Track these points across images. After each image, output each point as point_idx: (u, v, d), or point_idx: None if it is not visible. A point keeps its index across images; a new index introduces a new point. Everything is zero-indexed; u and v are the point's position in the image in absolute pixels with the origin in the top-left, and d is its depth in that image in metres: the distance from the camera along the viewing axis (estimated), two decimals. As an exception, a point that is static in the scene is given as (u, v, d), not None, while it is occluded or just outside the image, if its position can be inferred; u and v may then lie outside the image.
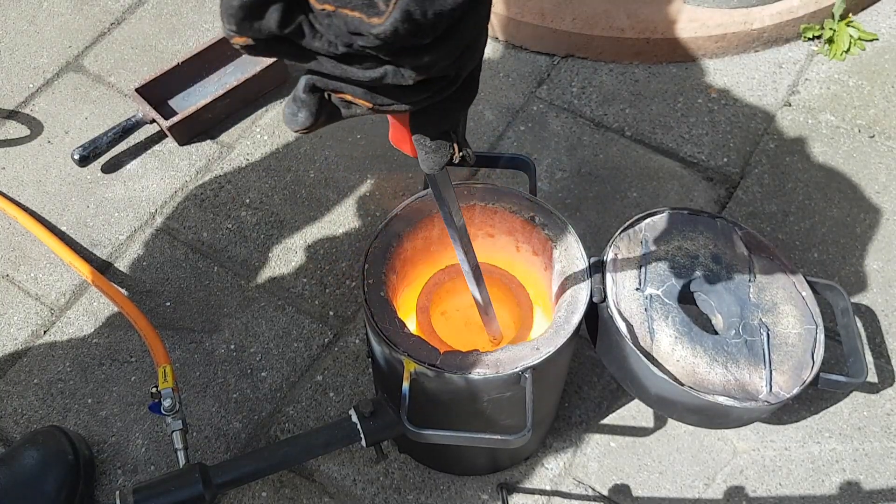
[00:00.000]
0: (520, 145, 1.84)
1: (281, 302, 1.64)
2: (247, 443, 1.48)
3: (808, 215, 1.72)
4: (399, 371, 1.10)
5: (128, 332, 1.60)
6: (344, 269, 1.68)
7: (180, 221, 1.75)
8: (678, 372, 1.12)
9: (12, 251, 1.72)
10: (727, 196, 1.76)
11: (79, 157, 1.77)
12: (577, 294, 1.14)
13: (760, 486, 1.42)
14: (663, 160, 1.81)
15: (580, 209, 1.74)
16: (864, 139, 1.84)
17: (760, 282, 1.21)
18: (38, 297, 1.66)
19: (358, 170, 1.82)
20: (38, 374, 1.56)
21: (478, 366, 1.07)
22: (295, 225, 1.74)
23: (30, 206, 1.78)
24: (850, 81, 1.93)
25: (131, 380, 1.55)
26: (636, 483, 1.43)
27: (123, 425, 1.50)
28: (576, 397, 1.51)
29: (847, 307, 1.28)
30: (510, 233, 1.26)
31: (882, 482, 1.43)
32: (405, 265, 1.23)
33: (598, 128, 1.87)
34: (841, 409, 1.50)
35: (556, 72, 1.96)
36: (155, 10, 2.11)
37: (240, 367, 1.56)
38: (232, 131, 1.89)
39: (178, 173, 1.82)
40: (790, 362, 1.15)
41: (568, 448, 1.46)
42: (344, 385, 1.54)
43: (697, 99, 1.91)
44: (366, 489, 1.43)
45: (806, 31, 1.97)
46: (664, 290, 1.18)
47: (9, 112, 1.93)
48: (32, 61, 2.02)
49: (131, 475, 1.45)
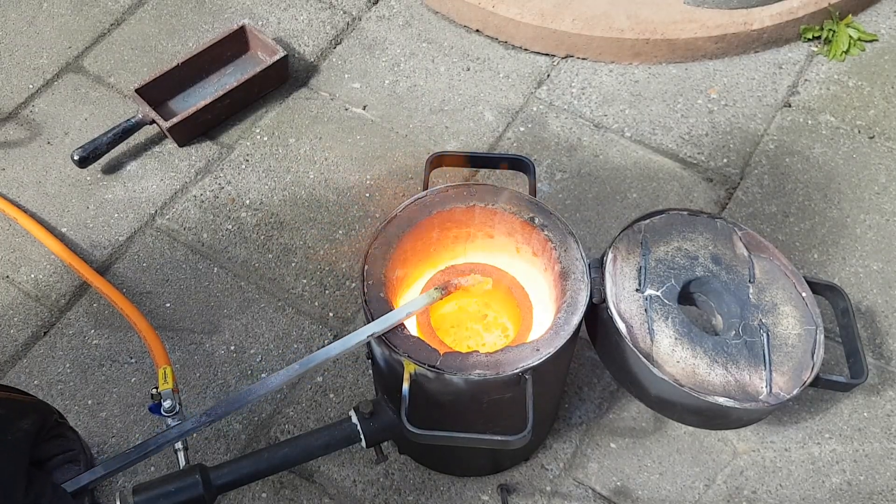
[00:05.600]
0: (519, 146, 1.84)
1: (281, 303, 1.64)
2: (247, 444, 1.48)
3: (807, 216, 1.72)
4: (399, 372, 1.10)
5: (128, 333, 1.60)
6: (344, 269, 1.68)
7: (180, 222, 1.75)
8: (678, 373, 1.12)
9: (12, 252, 1.72)
10: (727, 197, 1.76)
11: (79, 158, 1.77)
12: (576, 295, 1.14)
13: (761, 487, 1.42)
14: (663, 161, 1.81)
15: (580, 210, 1.74)
16: (863, 140, 1.84)
17: (760, 282, 1.21)
18: (38, 299, 1.66)
19: (358, 171, 1.82)
20: (38, 375, 1.56)
21: (478, 367, 1.07)
22: (295, 226, 1.74)
23: (30, 208, 1.78)
24: (849, 82, 1.93)
25: (131, 381, 1.55)
26: (636, 484, 1.43)
27: (124, 426, 1.50)
28: (576, 398, 1.51)
29: (847, 308, 1.27)
30: (510, 233, 1.26)
31: (882, 483, 1.43)
32: (405, 266, 1.23)
33: (598, 128, 1.87)
34: (841, 410, 1.50)
35: (555, 72, 1.96)
36: (155, 11, 2.11)
37: (240, 369, 1.56)
38: (232, 132, 1.89)
39: (177, 174, 1.82)
40: (790, 363, 1.15)
41: (568, 449, 1.46)
42: (344, 386, 1.54)
43: (697, 100, 1.91)
44: (366, 490, 1.43)
45: (806, 31, 1.97)
46: (664, 291, 1.18)
47: (8, 113, 1.93)
48: (32, 62, 2.02)
49: (131, 476, 1.45)
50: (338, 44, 2.03)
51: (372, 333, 1.09)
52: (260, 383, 1.13)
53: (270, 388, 1.13)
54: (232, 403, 1.13)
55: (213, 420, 1.14)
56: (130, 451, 1.13)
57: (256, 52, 1.99)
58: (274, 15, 2.08)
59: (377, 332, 1.09)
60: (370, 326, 1.09)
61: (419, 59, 1.99)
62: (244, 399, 1.13)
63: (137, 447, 1.13)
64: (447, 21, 2.06)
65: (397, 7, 2.09)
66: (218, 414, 1.13)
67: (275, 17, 2.08)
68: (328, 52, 2.02)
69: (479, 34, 2.04)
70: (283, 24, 2.06)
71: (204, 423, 1.14)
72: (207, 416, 1.13)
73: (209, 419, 1.13)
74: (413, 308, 1.12)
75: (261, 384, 1.13)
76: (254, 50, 1.99)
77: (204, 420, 1.13)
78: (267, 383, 1.12)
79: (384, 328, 1.09)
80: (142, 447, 1.13)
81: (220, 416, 1.13)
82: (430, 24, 2.06)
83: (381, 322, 1.10)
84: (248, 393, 1.13)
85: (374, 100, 1.93)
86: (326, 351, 1.13)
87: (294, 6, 2.10)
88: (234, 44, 1.97)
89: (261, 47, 1.96)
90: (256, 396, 1.13)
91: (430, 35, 2.04)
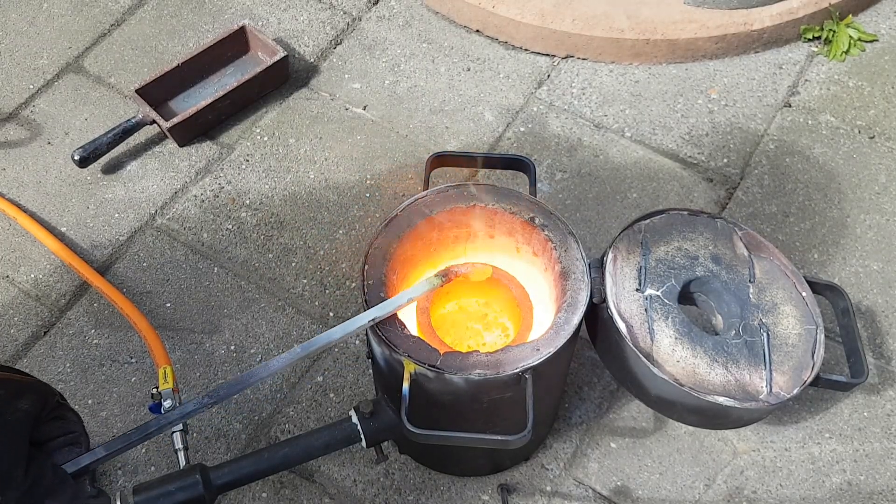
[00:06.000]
0: (520, 146, 1.84)
1: (281, 303, 1.64)
2: (247, 443, 1.48)
3: (808, 216, 1.72)
4: (399, 372, 1.10)
5: (128, 332, 1.60)
6: (344, 270, 1.68)
7: (180, 222, 1.75)
8: (678, 373, 1.12)
9: (12, 252, 1.72)
10: (727, 197, 1.76)
11: (79, 158, 1.77)
12: (576, 295, 1.14)
13: (761, 487, 1.42)
14: (663, 161, 1.81)
15: (580, 210, 1.74)
16: (864, 140, 1.84)
17: (760, 282, 1.21)
18: (39, 298, 1.66)
19: (358, 170, 1.82)
20: (39, 374, 1.56)
21: (478, 367, 1.07)
22: (295, 226, 1.74)
23: (30, 208, 1.78)
24: (849, 82, 1.93)
25: (131, 381, 1.55)
26: (636, 484, 1.43)
27: (124, 426, 1.50)
28: (576, 398, 1.51)
29: (847, 307, 1.27)
30: (510, 233, 1.26)
31: (882, 483, 1.42)
32: (405, 266, 1.23)
33: (598, 129, 1.87)
34: (841, 409, 1.50)
35: (555, 73, 1.97)
36: (155, 11, 2.11)
37: (240, 368, 1.56)
38: (232, 132, 1.89)
39: (178, 174, 1.82)
40: (790, 363, 1.15)
41: (568, 449, 1.46)
42: (344, 386, 1.54)
43: (697, 100, 1.91)
44: (366, 490, 1.43)
45: (806, 31, 1.97)
46: (664, 291, 1.18)
47: (9, 113, 1.93)
48: (32, 63, 2.02)
49: (131, 476, 1.45)
50: (338, 44, 2.03)
51: (373, 318, 1.10)
52: (262, 366, 1.13)
53: (272, 371, 1.12)
54: (234, 385, 1.12)
55: (216, 402, 1.12)
56: (131, 432, 1.12)
57: (257, 52, 1.99)
58: (274, 15, 2.08)
59: (379, 316, 1.10)
60: (371, 311, 1.10)
61: (419, 59, 2.00)
62: (246, 381, 1.12)
63: (138, 428, 1.13)
64: (447, 21, 2.07)
65: (397, 7, 2.10)
66: (220, 395, 1.12)
67: (275, 17, 2.08)
68: (328, 53, 2.02)
69: (479, 34, 2.04)
70: (284, 25, 2.07)
71: (206, 404, 1.13)
72: (209, 398, 1.12)
73: (211, 400, 1.12)
74: (414, 293, 1.13)
75: (263, 367, 1.12)
76: (254, 50, 1.99)
77: (206, 401, 1.13)
78: (269, 366, 1.12)
79: (385, 313, 1.10)
80: (143, 428, 1.13)
81: (222, 399, 1.12)
82: (430, 25, 2.06)
83: (382, 307, 1.10)
84: (250, 375, 1.12)
85: (375, 100, 1.93)
86: (329, 335, 1.13)
87: (294, 7, 2.10)
88: (235, 44, 1.97)
89: (261, 48, 1.97)
90: (258, 379, 1.13)
91: (430, 35, 2.04)
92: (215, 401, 1.13)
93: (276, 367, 1.13)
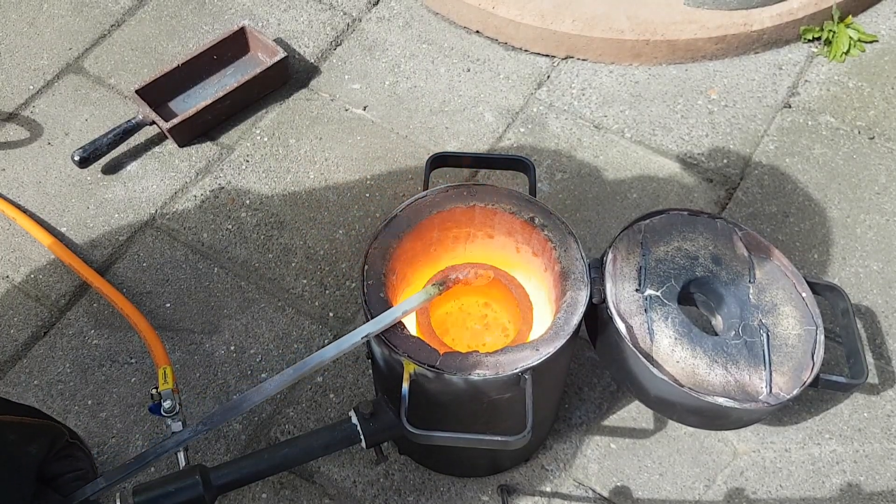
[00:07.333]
0: (519, 146, 1.84)
1: (281, 303, 1.64)
2: (247, 444, 1.48)
3: (808, 216, 1.72)
4: (399, 372, 1.10)
5: (128, 333, 1.60)
6: (344, 270, 1.68)
7: (180, 223, 1.75)
8: (678, 373, 1.12)
9: (12, 252, 1.72)
10: (727, 197, 1.76)
11: (79, 158, 1.77)
12: (576, 295, 1.14)
13: (761, 488, 1.42)
14: (663, 161, 1.81)
15: (580, 210, 1.74)
16: (863, 140, 1.84)
17: (760, 283, 1.21)
18: (38, 299, 1.66)
19: (358, 171, 1.82)
20: (38, 375, 1.56)
21: (478, 367, 1.07)
22: (295, 226, 1.74)
23: (30, 208, 1.78)
24: (849, 83, 1.93)
25: (131, 381, 1.55)
26: (636, 484, 1.43)
27: (123, 426, 1.50)
28: (576, 399, 1.51)
29: (847, 308, 1.28)
30: (510, 234, 1.26)
31: (882, 484, 1.42)
32: (405, 266, 1.23)
33: (598, 129, 1.87)
34: (841, 410, 1.50)
35: (555, 73, 1.97)
36: (155, 12, 2.11)
37: (240, 369, 1.56)
38: (232, 133, 1.89)
39: (178, 175, 1.82)
40: (790, 363, 1.15)
41: (568, 449, 1.46)
42: (344, 386, 1.54)
43: (697, 100, 1.91)
44: (366, 491, 1.43)
45: (806, 32, 1.97)
46: (664, 291, 1.18)
47: (9, 114, 1.93)
48: (32, 63, 2.02)
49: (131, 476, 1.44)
50: (338, 45, 2.03)
51: (367, 334, 1.09)
52: (255, 390, 1.13)
53: (265, 395, 1.13)
54: (228, 412, 1.13)
55: (210, 428, 1.15)
56: (130, 462, 1.15)
57: (257, 53, 1.99)
58: (274, 16, 2.09)
59: (372, 332, 1.09)
60: (365, 327, 1.09)
61: (419, 60, 2.00)
62: (240, 407, 1.13)
63: (137, 458, 1.15)
64: (447, 22, 2.07)
65: (397, 8, 2.10)
66: (215, 422, 1.14)
67: (275, 18, 2.08)
68: (328, 54, 2.02)
69: (479, 35, 2.04)
70: (284, 26, 2.07)
71: (201, 431, 1.15)
72: (204, 425, 1.14)
73: (205, 427, 1.14)
74: (409, 306, 1.12)
75: (256, 391, 1.13)
76: (254, 51, 1.99)
77: (201, 429, 1.15)
78: (262, 390, 1.13)
79: (379, 328, 1.09)
80: (141, 458, 1.15)
81: (216, 424, 1.14)
82: (430, 26, 2.06)
83: (376, 322, 1.09)
84: (243, 400, 1.13)
85: (375, 101, 1.93)
86: (321, 354, 1.12)
87: (294, 7, 2.10)
88: (235, 45, 1.97)
89: (261, 48, 1.97)
90: (252, 404, 1.14)
91: (430, 36, 2.04)
92: (210, 427, 1.15)
93: (268, 390, 1.13)
